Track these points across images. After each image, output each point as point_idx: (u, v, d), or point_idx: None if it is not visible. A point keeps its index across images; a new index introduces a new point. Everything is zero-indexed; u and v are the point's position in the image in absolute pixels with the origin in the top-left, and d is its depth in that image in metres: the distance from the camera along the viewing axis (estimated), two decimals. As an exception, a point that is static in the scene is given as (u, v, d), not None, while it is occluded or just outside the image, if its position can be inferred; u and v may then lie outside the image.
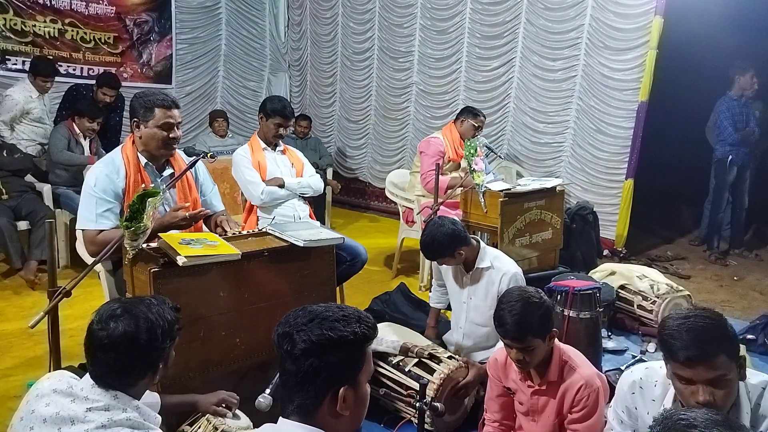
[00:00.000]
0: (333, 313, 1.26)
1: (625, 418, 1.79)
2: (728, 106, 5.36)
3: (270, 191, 3.40)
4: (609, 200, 5.31)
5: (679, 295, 3.69)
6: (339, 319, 1.24)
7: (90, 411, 1.41)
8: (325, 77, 7.23)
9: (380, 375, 2.65)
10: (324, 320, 1.24)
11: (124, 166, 2.54)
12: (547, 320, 2.01)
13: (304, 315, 1.27)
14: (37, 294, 3.93)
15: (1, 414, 2.62)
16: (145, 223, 2.04)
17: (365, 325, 1.27)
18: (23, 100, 4.72)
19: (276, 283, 2.37)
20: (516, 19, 5.63)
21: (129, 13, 6.24)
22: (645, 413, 1.72)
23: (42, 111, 4.88)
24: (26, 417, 1.42)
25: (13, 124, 4.74)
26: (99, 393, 1.44)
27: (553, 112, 5.55)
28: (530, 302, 2.00)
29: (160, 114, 2.51)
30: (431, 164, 4.24)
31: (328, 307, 1.29)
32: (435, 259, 2.92)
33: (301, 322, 1.24)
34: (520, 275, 2.82)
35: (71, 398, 1.43)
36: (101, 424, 1.39)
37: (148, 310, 1.52)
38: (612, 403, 1.89)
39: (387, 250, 5.26)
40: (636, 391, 1.75)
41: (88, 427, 1.38)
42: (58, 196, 4.54)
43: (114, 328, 1.46)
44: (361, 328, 1.25)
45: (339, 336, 1.21)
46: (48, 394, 1.44)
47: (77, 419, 1.39)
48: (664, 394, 1.69)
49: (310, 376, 1.20)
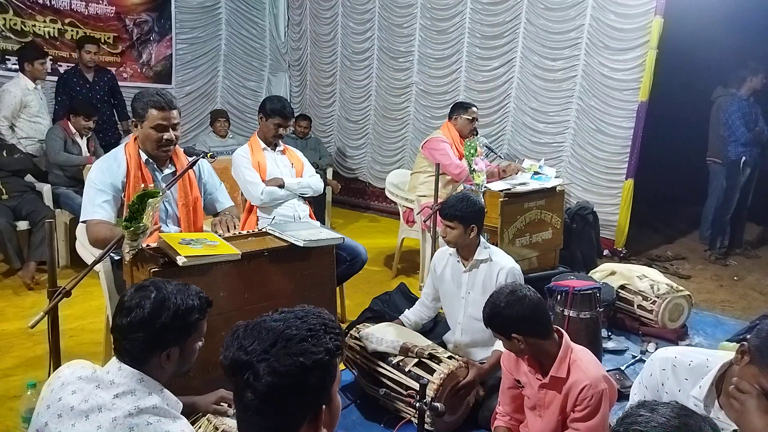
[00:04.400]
0: (296, 330, 1.09)
1: (648, 394, 1.79)
2: (739, 106, 5.30)
3: (270, 191, 3.40)
4: (609, 200, 5.31)
5: (679, 295, 3.69)
6: (306, 338, 1.08)
7: (117, 398, 1.42)
8: (325, 77, 7.22)
9: (380, 375, 2.65)
10: (289, 342, 1.07)
11: (126, 161, 2.57)
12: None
13: (261, 337, 1.08)
14: (37, 294, 3.93)
15: (1, 414, 2.62)
16: (145, 223, 2.04)
17: (334, 333, 1.12)
18: (20, 93, 4.71)
19: (276, 283, 2.38)
20: (516, 19, 5.63)
21: (129, 13, 6.24)
22: (676, 390, 1.70)
23: (40, 104, 4.86)
24: (53, 405, 1.43)
25: (14, 122, 4.73)
26: (125, 375, 1.46)
27: (553, 112, 5.55)
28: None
29: (154, 115, 2.52)
30: (451, 154, 4.30)
31: (286, 321, 1.11)
32: (455, 217, 2.76)
33: (261, 348, 1.06)
34: (518, 270, 2.82)
35: (96, 383, 1.45)
36: (128, 413, 1.40)
37: (174, 288, 1.56)
38: (638, 376, 1.90)
39: (387, 250, 5.26)
40: (668, 367, 1.74)
41: (115, 414, 1.39)
42: (58, 196, 4.53)
43: (142, 297, 1.52)
44: (332, 340, 1.10)
45: (313, 361, 1.06)
46: (73, 381, 1.45)
47: (104, 407, 1.40)
48: (698, 376, 1.66)
49: (280, 407, 1.06)
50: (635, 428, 1.09)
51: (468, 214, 2.72)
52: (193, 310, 1.56)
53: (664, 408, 1.11)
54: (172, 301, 1.52)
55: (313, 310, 1.17)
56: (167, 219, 2.68)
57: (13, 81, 4.82)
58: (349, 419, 2.70)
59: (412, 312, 3.07)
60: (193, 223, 2.71)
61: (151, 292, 1.53)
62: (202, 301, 1.60)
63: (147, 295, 1.52)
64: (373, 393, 2.69)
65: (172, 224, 2.69)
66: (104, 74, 5.39)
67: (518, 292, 2.08)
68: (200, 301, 1.59)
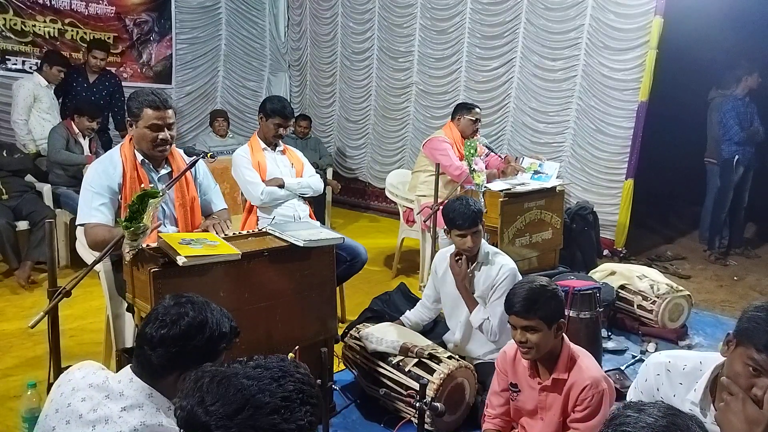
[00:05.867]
0: (269, 396, 0.92)
1: (644, 399, 1.78)
2: (733, 105, 5.33)
3: (270, 191, 3.40)
4: (609, 200, 5.31)
5: (679, 295, 3.69)
6: (278, 409, 0.91)
7: (124, 410, 1.41)
8: (325, 77, 7.22)
9: (380, 375, 2.65)
10: (258, 411, 0.91)
11: (122, 162, 2.56)
12: (556, 308, 2.02)
13: (227, 397, 0.91)
14: (37, 294, 3.93)
15: (1, 414, 2.62)
16: (145, 223, 2.04)
17: (311, 404, 0.95)
18: (33, 87, 4.83)
19: (276, 283, 2.37)
20: (516, 19, 5.63)
21: (129, 13, 6.24)
22: (671, 395, 1.71)
23: (51, 103, 4.94)
24: (62, 410, 1.42)
25: (28, 117, 4.80)
26: (135, 388, 1.44)
27: (553, 112, 5.56)
28: (543, 286, 2.05)
29: (149, 114, 2.51)
30: (452, 155, 4.29)
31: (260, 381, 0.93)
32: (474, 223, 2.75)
33: (223, 412, 0.89)
34: (517, 270, 2.82)
35: (106, 393, 1.43)
36: (133, 428, 1.38)
37: (212, 312, 1.51)
38: (634, 381, 1.90)
39: (387, 250, 5.26)
40: (662, 372, 1.75)
41: (121, 428, 1.38)
42: (58, 196, 4.53)
43: (181, 314, 1.47)
44: (307, 415, 0.94)
45: None
46: (84, 388, 1.45)
47: (111, 419, 1.39)
48: (693, 380, 1.67)
49: None
50: (623, 429, 1.09)
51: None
52: (224, 337, 1.53)
53: (651, 408, 1.11)
54: (209, 326, 1.49)
55: (292, 369, 1.00)
56: (165, 219, 2.67)
57: (27, 77, 4.96)
58: (349, 419, 2.70)
59: (413, 313, 3.07)
60: (190, 223, 2.70)
61: (189, 310, 1.49)
62: (233, 329, 1.56)
63: (186, 312, 1.48)
64: (373, 393, 2.69)
65: (169, 224, 2.68)
66: (107, 78, 5.37)
67: (548, 284, 2.08)
68: (231, 329, 1.56)
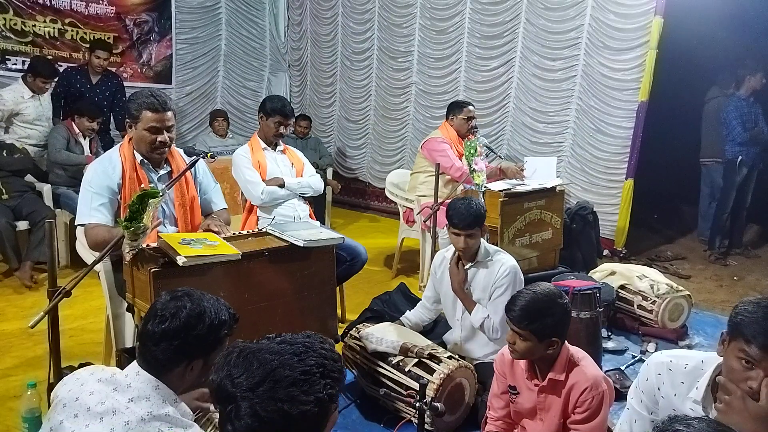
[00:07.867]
0: (289, 370, 0.97)
1: (645, 398, 1.80)
2: (737, 106, 5.31)
3: (270, 191, 3.40)
4: (609, 200, 5.31)
5: (679, 295, 3.69)
6: (296, 382, 0.96)
7: (131, 402, 1.44)
8: (325, 77, 7.22)
9: (380, 375, 2.65)
10: (277, 384, 0.96)
11: (121, 162, 2.55)
12: (552, 326, 1.97)
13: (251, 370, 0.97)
14: (37, 294, 3.92)
15: (1, 414, 2.62)
16: (145, 223, 2.04)
17: (332, 377, 1.00)
18: (12, 101, 4.63)
19: (276, 283, 2.37)
20: (516, 19, 5.63)
21: (129, 13, 6.24)
22: (672, 394, 1.71)
23: (37, 112, 4.77)
24: (70, 404, 1.44)
25: (8, 125, 4.70)
26: (142, 381, 1.48)
27: (553, 112, 5.55)
28: (548, 299, 2.00)
29: (148, 117, 2.50)
30: (451, 156, 4.28)
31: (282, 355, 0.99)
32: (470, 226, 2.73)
33: (247, 384, 0.96)
34: (518, 268, 2.82)
35: (114, 386, 1.46)
36: (141, 417, 1.41)
37: (208, 301, 1.57)
38: (635, 381, 1.90)
39: (387, 250, 5.26)
40: (663, 371, 1.74)
41: (128, 418, 1.41)
42: (58, 196, 4.53)
43: (179, 307, 1.52)
44: (326, 388, 0.98)
45: (299, 411, 0.95)
46: (92, 382, 1.48)
47: (118, 410, 1.42)
48: (694, 378, 1.67)
49: None
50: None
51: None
52: (224, 324, 1.58)
53: (699, 423, 1.11)
54: (208, 314, 1.54)
55: (317, 344, 1.05)
56: (164, 219, 2.67)
57: (10, 88, 4.76)
58: (349, 419, 2.70)
59: (413, 314, 3.07)
60: (190, 223, 2.70)
61: (187, 303, 1.54)
62: (231, 316, 1.62)
63: (183, 305, 1.54)
64: (373, 393, 2.69)
65: (169, 224, 2.68)
66: (109, 79, 5.36)
67: (559, 297, 2.04)
68: (230, 316, 1.61)
